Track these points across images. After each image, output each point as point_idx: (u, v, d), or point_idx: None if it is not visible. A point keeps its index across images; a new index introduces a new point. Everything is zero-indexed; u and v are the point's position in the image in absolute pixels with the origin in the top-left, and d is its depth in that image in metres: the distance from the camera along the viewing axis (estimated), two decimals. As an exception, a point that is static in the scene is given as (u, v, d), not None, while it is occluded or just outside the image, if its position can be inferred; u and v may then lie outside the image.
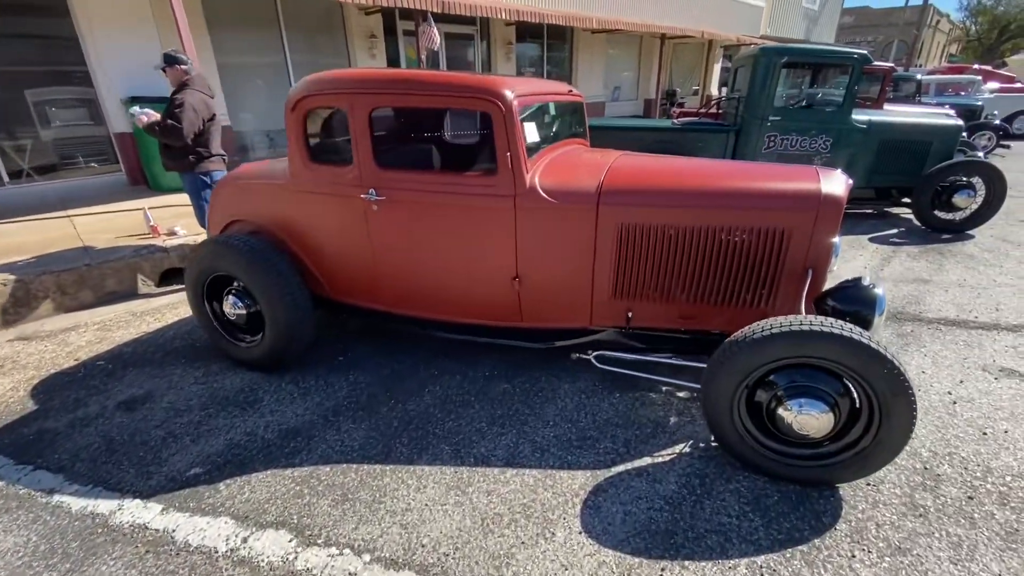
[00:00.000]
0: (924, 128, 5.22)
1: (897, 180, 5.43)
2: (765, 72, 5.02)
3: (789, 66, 5.16)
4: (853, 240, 5.01)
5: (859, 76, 4.91)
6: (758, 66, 5.07)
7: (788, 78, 5.55)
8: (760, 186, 2.13)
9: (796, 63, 5.18)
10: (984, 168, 4.88)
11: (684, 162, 2.45)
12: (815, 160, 5.28)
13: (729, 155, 5.42)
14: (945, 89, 13.53)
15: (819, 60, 5.17)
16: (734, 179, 2.19)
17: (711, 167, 2.36)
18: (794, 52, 4.99)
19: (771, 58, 4.97)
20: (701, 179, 2.22)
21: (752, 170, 2.28)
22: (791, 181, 2.13)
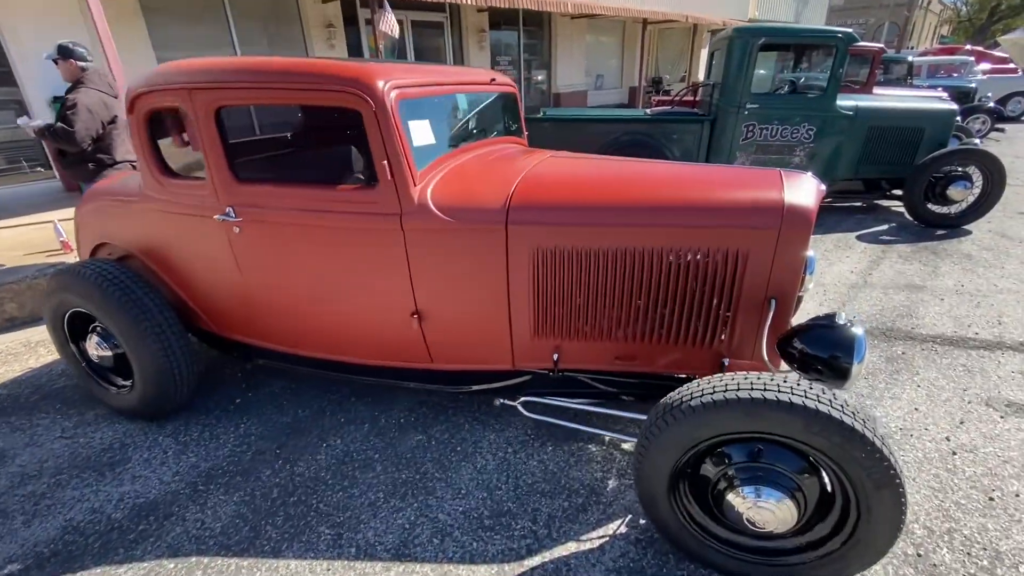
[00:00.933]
0: (915, 114, 4.78)
1: (887, 171, 4.99)
2: (741, 55, 4.56)
3: (767, 48, 4.69)
4: (840, 239, 4.59)
5: (844, 58, 4.46)
6: (733, 49, 4.60)
7: (768, 62, 5.09)
8: (708, 197, 1.68)
9: (775, 45, 4.72)
10: (981, 157, 4.45)
11: (619, 166, 1.99)
12: (797, 151, 4.84)
13: (704, 148, 4.97)
14: (937, 71, 13.09)
15: (799, 41, 4.70)
16: (677, 188, 1.75)
17: (652, 172, 1.91)
18: (772, 32, 4.53)
19: (747, 40, 4.50)
20: (636, 189, 1.77)
21: (702, 176, 1.83)
22: (747, 190, 1.68)
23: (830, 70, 4.55)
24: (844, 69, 4.51)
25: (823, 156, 4.85)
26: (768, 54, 5.31)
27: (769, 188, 1.68)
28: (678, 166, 1.99)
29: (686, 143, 4.99)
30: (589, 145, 5.15)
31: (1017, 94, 12.47)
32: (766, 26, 4.56)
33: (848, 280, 3.69)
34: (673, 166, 2.00)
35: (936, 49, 16.90)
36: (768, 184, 1.70)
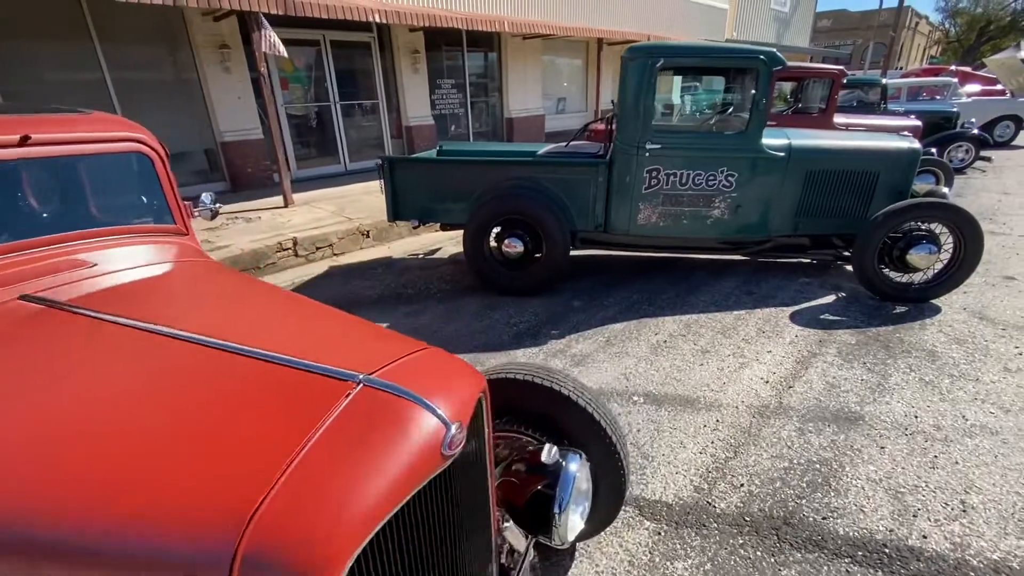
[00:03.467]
0: (866, 155, 3.73)
1: (835, 227, 3.94)
2: (637, 81, 3.53)
3: (677, 72, 3.68)
4: (767, 319, 3.50)
5: (768, 85, 3.43)
6: (627, 74, 3.58)
7: (689, 90, 4.07)
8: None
9: (678, 67, 3.70)
10: (949, 213, 3.39)
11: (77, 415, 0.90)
12: (716, 203, 3.78)
13: (601, 198, 3.91)
14: (919, 93, 12.20)
15: (708, 63, 3.67)
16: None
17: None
18: (672, 51, 3.50)
19: (642, 61, 3.48)
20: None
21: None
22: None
23: (752, 101, 3.51)
24: (768, 99, 3.47)
25: (750, 209, 3.79)
26: (686, 81, 4.34)
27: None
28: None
29: (581, 193, 3.93)
30: (471, 194, 4.12)
31: (1005, 118, 11.54)
32: (665, 44, 3.54)
33: (758, 398, 2.59)
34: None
35: (919, 70, 16.08)
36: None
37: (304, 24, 8.00)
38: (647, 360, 3.05)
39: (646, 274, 4.50)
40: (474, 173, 4.12)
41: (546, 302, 4.02)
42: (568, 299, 4.08)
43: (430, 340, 3.72)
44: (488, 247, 4.14)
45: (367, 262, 5.42)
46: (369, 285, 4.66)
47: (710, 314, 3.65)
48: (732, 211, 3.81)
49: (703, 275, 4.41)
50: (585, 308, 3.88)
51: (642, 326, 3.52)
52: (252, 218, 6.41)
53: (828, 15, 43.97)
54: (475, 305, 4.04)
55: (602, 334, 3.44)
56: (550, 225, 3.88)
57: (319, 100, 8.85)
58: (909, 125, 6.49)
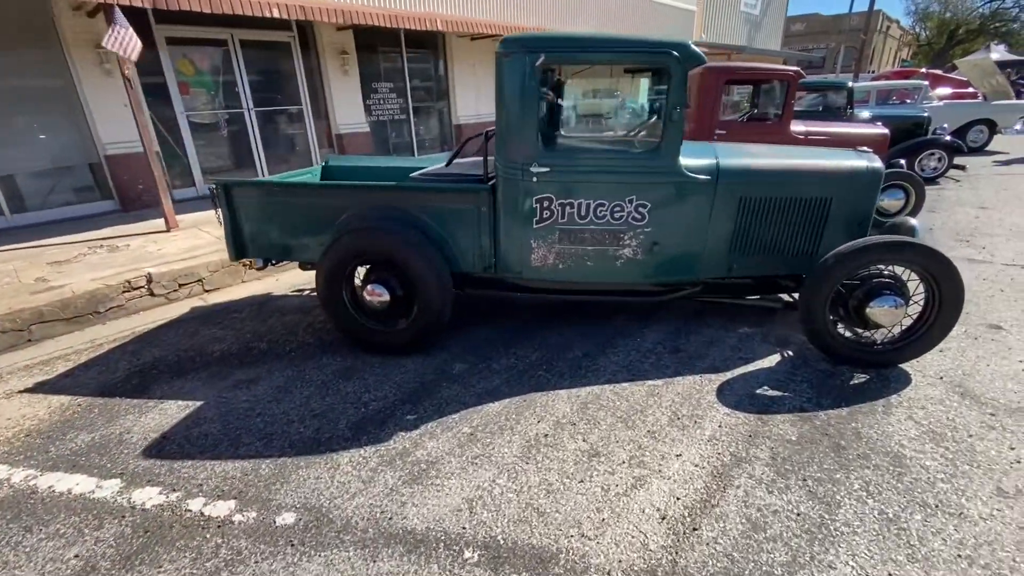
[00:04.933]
0: (815, 177, 2.93)
1: (776, 267, 3.13)
2: (516, 84, 2.68)
3: (557, 70, 2.84)
4: (690, 389, 2.67)
5: (682, 88, 2.60)
6: (501, 74, 2.72)
7: (572, 96, 3.24)
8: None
9: (566, 64, 2.84)
10: (919, 256, 2.59)
11: None
12: (627, 241, 2.93)
13: (487, 233, 3.05)
14: (889, 97, 11.64)
15: (602, 59, 2.80)
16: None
17: None
18: (556, 44, 2.65)
19: (519, 57, 2.63)
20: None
21: None
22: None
23: (664, 109, 2.68)
24: (683, 107, 2.64)
25: (669, 247, 2.96)
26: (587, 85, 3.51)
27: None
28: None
29: (462, 226, 3.06)
30: (329, 227, 3.23)
31: (978, 122, 11.01)
32: (547, 35, 2.68)
33: (645, 554, 1.74)
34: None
35: (889, 73, 15.61)
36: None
37: (207, 22, 7.06)
38: (512, 472, 2.19)
39: (560, 319, 3.64)
40: (329, 200, 3.23)
41: (421, 365, 3.15)
42: (450, 359, 3.20)
43: (246, 427, 2.60)
44: (348, 294, 3.25)
45: (238, 301, 4.49)
46: (220, 336, 3.74)
47: (618, 385, 2.80)
48: (647, 250, 2.97)
49: (626, 322, 3.56)
50: (466, 375, 3.00)
51: (527, 406, 2.66)
52: (118, 247, 5.44)
53: (801, 19, 44.09)
54: (330, 369, 3.14)
55: (470, 421, 2.56)
56: (420, 268, 3.01)
57: (230, 106, 7.88)
58: (875, 133, 5.77)
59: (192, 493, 2.21)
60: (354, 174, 4.37)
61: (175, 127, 7.39)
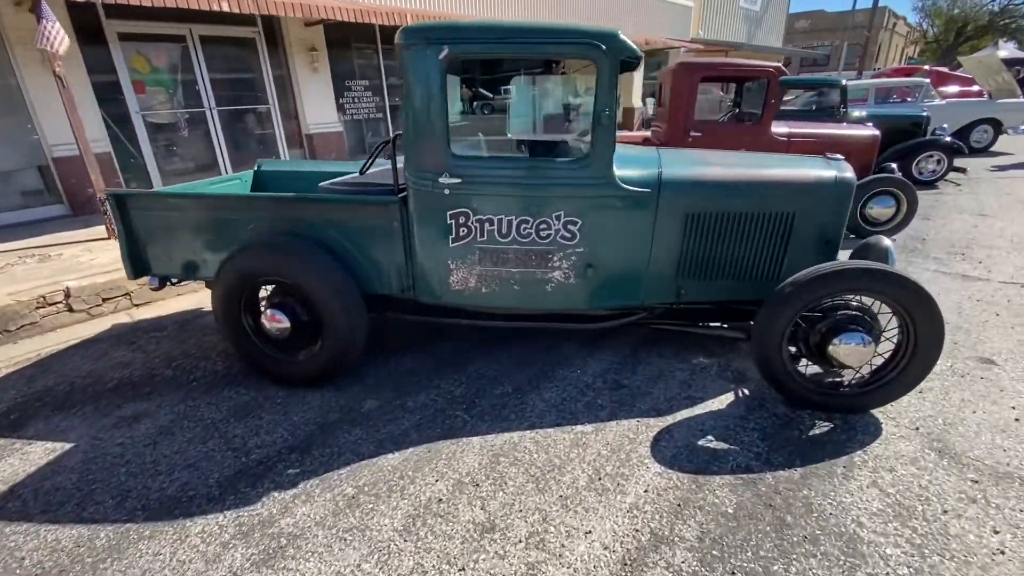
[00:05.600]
0: (774, 189, 2.52)
1: (732, 292, 2.73)
2: (420, 81, 2.29)
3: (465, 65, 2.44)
4: (623, 439, 2.27)
5: (611, 84, 2.21)
6: (404, 69, 2.33)
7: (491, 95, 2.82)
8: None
9: (477, 58, 2.44)
10: (891, 286, 2.18)
11: None
12: (556, 262, 2.54)
13: (400, 251, 2.66)
14: (889, 95, 11.16)
15: (518, 51, 2.37)
16: None
17: None
18: (463, 34, 2.24)
19: (420, 50, 2.24)
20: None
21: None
22: None
23: (592, 110, 2.28)
24: (614, 108, 2.24)
25: (607, 270, 2.56)
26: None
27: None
28: None
29: (373, 243, 2.68)
30: (230, 243, 2.86)
31: (982, 122, 10.51)
32: (453, 24, 2.28)
33: None
34: None
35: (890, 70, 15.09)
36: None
37: (162, 17, 6.69)
38: (384, 552, 1.80)
39: (500, 344, 3.26)
40: (229, 213, 2.85)
41: (327, 401, 2.77)
42: (363, 394, 2.82)
43: (106, 480, 2.23)
44: (249, 320, 2.88)
45: (165, 317, 4.12)
46: (127, 361, 3.38)
47: (542, 432, 2.41)
48: (580, 273, 2.57)
49: (572, 348, 3.17)
50: (374, 416, 2.62)
51: (429, 459, 2.27)
52: (50, 256, 5.09)
53: (806, 16, 43.42)
54: (227, 405, 2.77)
55: (358, 478, 2.18)
56: (320, 290, 2.62)
57: (190, 106, 7.52)
58: (864, 135, 5.34)
59: (10, 570, 1.84)
60: (288, 180, 3.99)
61: (130, 127, 7.04)
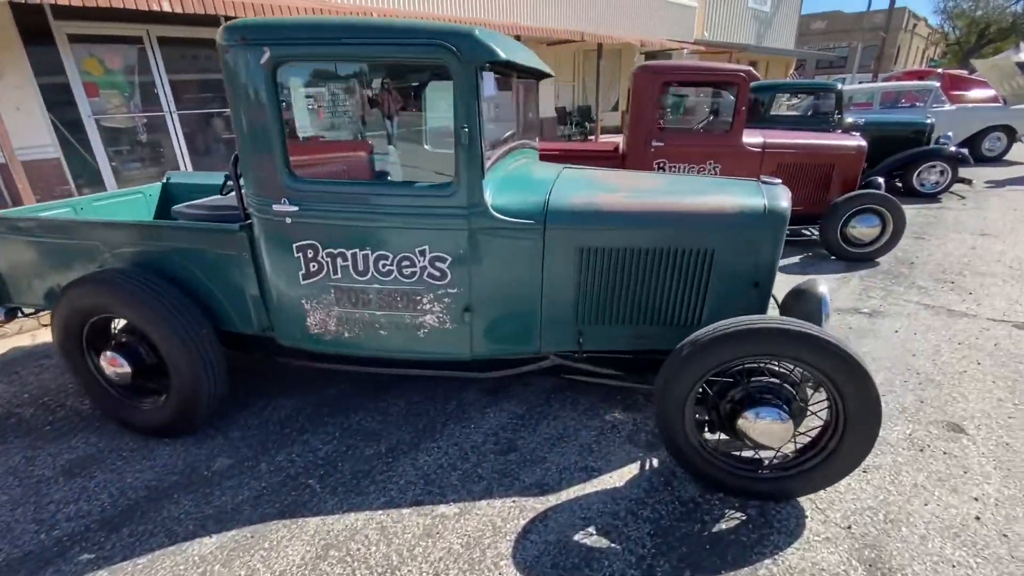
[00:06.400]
0: (686, 221, 2.07)
1: (643, 340, 2.28)
2: (246, 91, 1.89)
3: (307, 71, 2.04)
4: (490, 522, 1.83)
5: (471, 93, 1.79)
6: (228, 76, 1.93)
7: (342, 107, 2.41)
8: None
9: (302, 57, 2.01)
10: (814, 353, 1.71)
11: None
12: (428, 305, 2.12)
13: (253, 286, 2.27)
14: (897, 100, 10.54)
15: (353, 53, 1.93)
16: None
17: None
18: (285, 33, 1.83)
19: (240, 52, 1.85)
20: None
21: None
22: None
23: (456, 129, 1.87)
24: (474, 125, 1.82)
25: (488, 314, 2.13)
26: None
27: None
28: None
29: (225, 276, 2.30)
30: (80, 268, 2.51)
31: (995, 129, 9.85)
32: (278, 21, 1.88)
33: None
34: None
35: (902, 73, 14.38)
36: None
37: (116, 17, 6.41)
38: None
39: (393, 390, 2.84)
40: (71, 238, 2.49)
41: (176, 456, 2.39)
42: (219, 449, 2.43)
43: None
44: (94, 360, 2.51)
45: (45, 346, 3.78)
46: (-9, 396, 3.04)
47: (396, 512, 1.99)
48: (457, 317, 2.15)
49: (474, 396, 2.75)
50: (215, 481, 2.23)
51: (249, 547, 1.87)
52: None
53: (822, 17, 42.45)
54: (68, 457, 2.42)
55: (152, 572, 1.79)
56: (160, 331, 2.23)
57: (148, 109, 7.25)
58: (849, 145, 4.83)
59: None
60: (199, 194, 3.63)
61: (81, 131, 6.79)
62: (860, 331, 3.26)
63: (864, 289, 3.93)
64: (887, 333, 3.21)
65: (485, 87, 1.92)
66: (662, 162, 4.60)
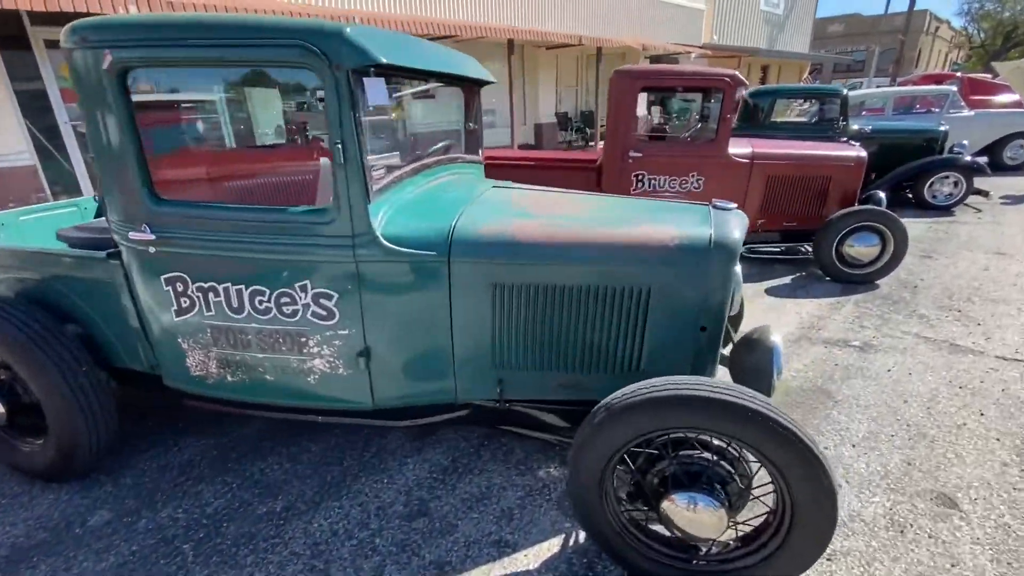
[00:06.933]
0: (615, 253, 1.74)
1: (572, 389, 1.95)
2: (91, 98, 1.62)
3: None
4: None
5: (342, 104, 1.49)
6: (81, 85, 1.66)
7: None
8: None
9: (145, 62, 1.71)
10: (752, 427, 1.37)
11: None
12: (314, 347, 1.83)
13: (136, 317, 1.99)
14: (912, 105, 10.02)
15: (200, 57, 1.60)
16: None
17: None
18: (128, 33, 1.55)
19: (81, 55, 1.57)
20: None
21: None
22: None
23: (330, 145, 1.57)
24: (352, 139, 1.52)
25: (389, 359, 1.83)
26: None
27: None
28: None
29: (104, 309, 2.03)
30: None
31: (1018, 135, 9.29)
32: (121, 20, 1.60)
33: None
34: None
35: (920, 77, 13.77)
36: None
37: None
38: None
39: (311, 433, 2.55)
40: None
41: (52, 507, 2.13)
42: (102, 500, 2.16)
43: None
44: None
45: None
46: None
47: (267, 595, 1.70)
48: (350, 362, 1.85)
49: (396, 444, 2.44)
50: (84, 541, 1.95)
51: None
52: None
53: (840, 19, 41.61)
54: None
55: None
56: (27, 367, 1.98)
57: (128, 115, 7.10)
58: (846, 156, 4.43)
59: None
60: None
61: (58, 137, 6.66)
62: (847, 369, 2.88)
63: (858, 317, 3.54)
64: (878, 372, 2.82)
65: (372, 95, 1.62)
66: (641, 175, 4.25)
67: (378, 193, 1.70)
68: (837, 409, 2.51)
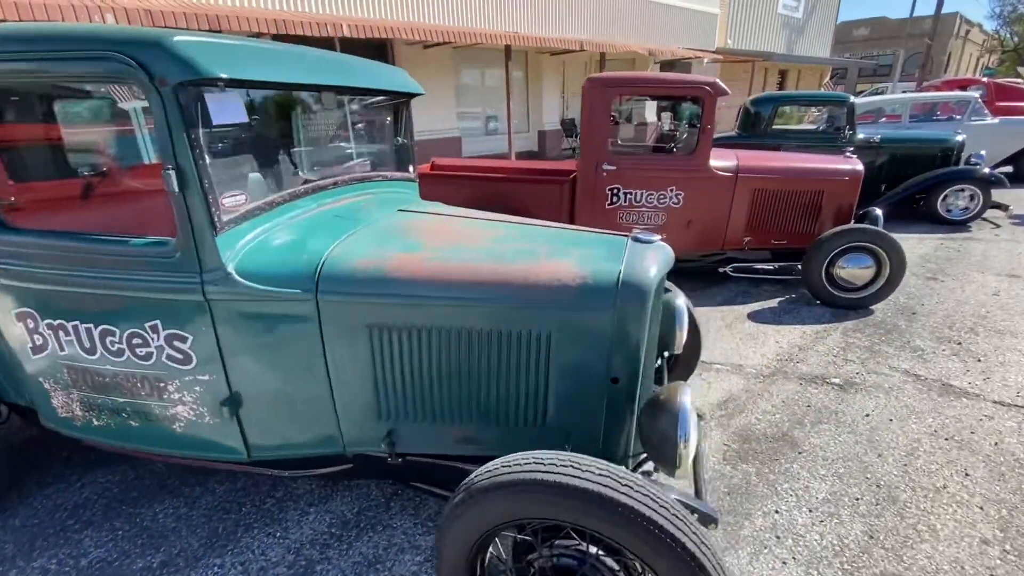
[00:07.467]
0: (512, 294, 1.50)
1: (470, 445, 1.71)
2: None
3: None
4: None
5: (171, 122, 1.29)
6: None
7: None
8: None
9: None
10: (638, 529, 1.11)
11: None
12: (173, 393, 1.63)
13: (8, 352, 1.83)
14: (932, 112, 9.51)
15: (20, 70, 1.41)
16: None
17: None
18: None
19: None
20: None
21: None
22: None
23: (163, 171, 1.37)
24: (188, 163, 1.32)
25: (257, 408, 1.63)
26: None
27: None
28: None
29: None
30: None
31: (1045, 145, 8.72)
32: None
33: None
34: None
35: (942, 82, 13.14)
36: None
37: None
38: None
39: (217, 473, 2.35)
40: None
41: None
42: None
43: None
44: None
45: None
46: None
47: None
48: (215, 410, 1.64)
49: (303, 490, 2.23)
50: (-64, 597, 1.79)
51: None
52: None
53: (865, 23, 40.56)
54: None
55: None
56: None
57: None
58: (841, 170, 4.09)
59: None
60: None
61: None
62: (820, 412, 2.57)
63: (844, 348, 3.22)
64: (854, 417, 2.51)
65: (218, 114, 1.42)
66: (616, 188, 3.99)
67: (232, 223, 1.49)
68: (799, 462, 2.21)
